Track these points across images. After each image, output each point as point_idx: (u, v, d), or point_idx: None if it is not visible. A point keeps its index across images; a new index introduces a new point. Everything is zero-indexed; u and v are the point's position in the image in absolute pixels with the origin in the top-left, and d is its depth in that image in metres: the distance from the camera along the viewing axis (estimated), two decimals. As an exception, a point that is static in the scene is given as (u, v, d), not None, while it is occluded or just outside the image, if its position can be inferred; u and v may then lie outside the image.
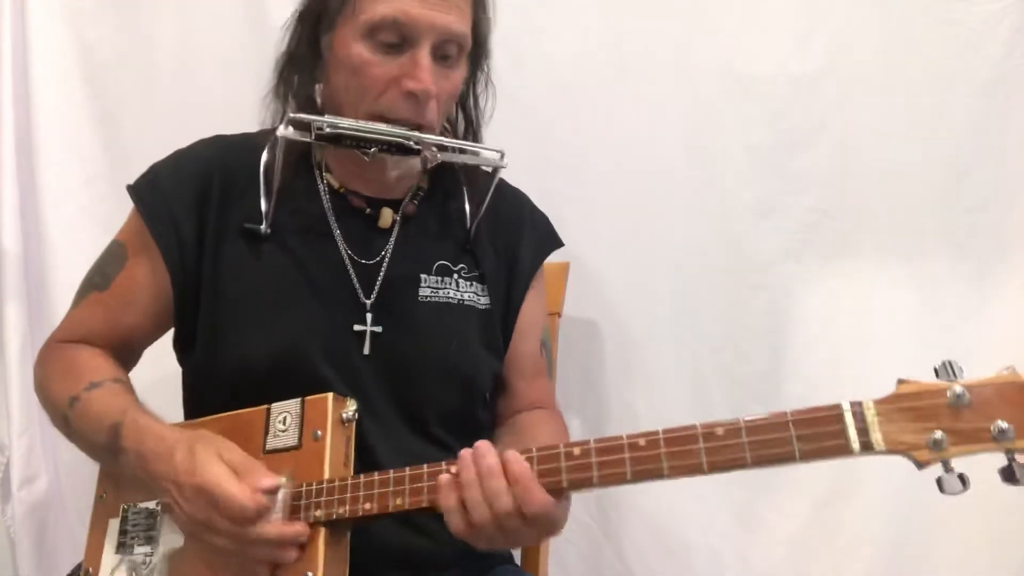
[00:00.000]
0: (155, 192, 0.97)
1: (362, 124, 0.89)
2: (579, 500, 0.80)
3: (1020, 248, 1.18)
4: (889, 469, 1.19)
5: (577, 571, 1.31)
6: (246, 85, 1.36)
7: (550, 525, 0.74)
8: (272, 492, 0.77)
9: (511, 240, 1.05)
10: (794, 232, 1.25)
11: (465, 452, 0.74)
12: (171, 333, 1.01)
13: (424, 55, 0.88)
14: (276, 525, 0.77)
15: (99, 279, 0.99)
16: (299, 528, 0.78)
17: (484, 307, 1.00)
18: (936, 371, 0.64)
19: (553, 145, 1.29)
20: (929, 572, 1.19)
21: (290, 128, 0.89)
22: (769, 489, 1.25)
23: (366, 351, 0.93)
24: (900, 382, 0.65)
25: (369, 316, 0.94)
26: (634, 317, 1.31)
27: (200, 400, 0.99)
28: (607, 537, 1.31)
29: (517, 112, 1.07)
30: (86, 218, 1.42)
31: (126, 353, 0.99)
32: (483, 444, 0.74)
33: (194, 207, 0.95)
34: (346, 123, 0.88)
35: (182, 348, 1.00)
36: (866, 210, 1.23)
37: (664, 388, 1.29)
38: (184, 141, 1.04)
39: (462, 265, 1.01)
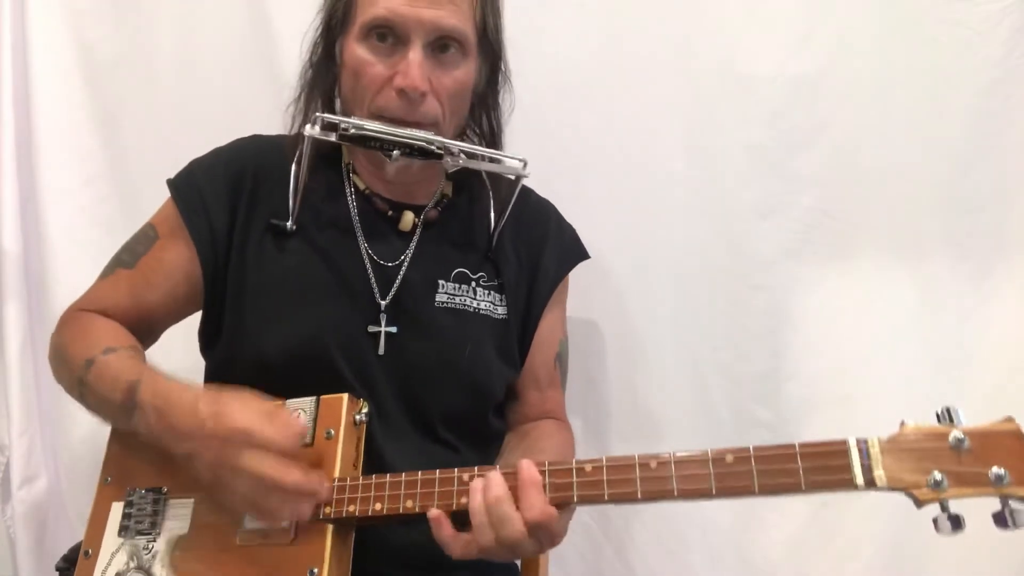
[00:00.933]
0: (191, 184, 1.00)
1: (386, 127, 0.90)
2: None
3: (1020, 248, 1.18)
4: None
5: (577, 571, 1.31)
6: (246, 85, 1.38)
7: (549, 537, 0.75)
8: (301, 434, 0.80)
9: (534, 251, 1.06)
10: (794, 232, 1.25)
11: (476, 483, 0.75)
12: (196, 327, 1.02)
13: (414, 52, 0.90)
14: (298, 474, 0.78)
15: (127, 256, 1.01)
16: (319, 479, 0.79)
17: (500, 317, 1.01)
18: (938, 416, 0.67)
19: (553, 145, 1.29)
20: (929, 572, 1.19)
21: (316, 128, 0.91)
22: (769, 489, 1.25)
23: (380, 351, 0.94)
24: (904, 424, 0.68)
25: (383, 317, 0.95)
26: (634, 317, 1.30)
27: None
28: (607, 537, 1.31)
29: (517, 112, 1.07)
30: (86, 218, 1.42)
31: (142, 332, 1.00)
32: (494, 476, 0.75)
33: (227, 201, 0.98)
34: (371, 125, 0.90)
35: (207, 341, 1.02)
36: (866, 210, 1.23)
37: (664, 388, 1.29)
38: (184, 141, 1.05)
39: (481, 273, 1.01)
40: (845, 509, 1.22)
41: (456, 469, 0.78)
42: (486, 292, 1.01)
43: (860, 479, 0.66)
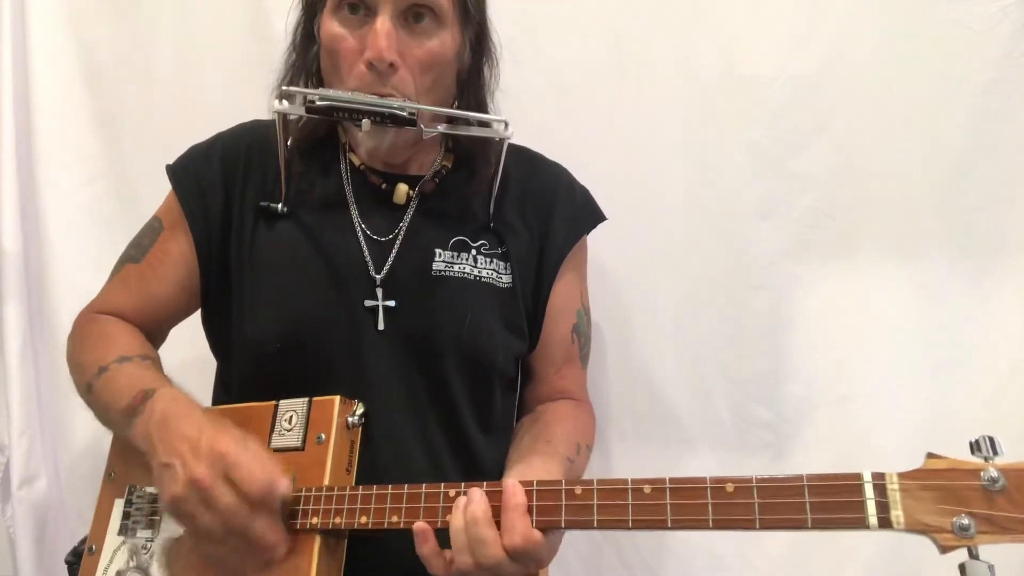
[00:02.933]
0: (188, 170, 1.00)
1: (354, 95, 0.87)
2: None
3: (1020, 248, 1.18)
4: (890, 470, 1.19)
5: (577, 571, 1.31)
6: (246, 86, 1.38)
7: (535, 562, 0.73)
8: (281, 494, 0.77)
9: (542, 218, 1.02)
10: (794, 232, 1.25)
11: (459, 500, 0.74)
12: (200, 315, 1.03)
13: (381, 22, 0.87)
14: (269, 521, 0.76)
15: (135, 251, 1.01)
16: (281, 537, 0.77)
17: (505, 285, 0.98)
18: (972, 445, 0.59)
19: (553, 145, 1.29)
20: (929, 572, 1.19)
21: (284, 102, 0.88)
22: (769, 489, 1.26)
23: (380, 326, 0.92)
24: (930, 456, 0.60)
25: (379, 291, 0.93)
26: (634, 317, 1.30)
27: (224, 379, 1.02)
28: (607, 537, 1.31)
29: (517, 112, 1.07)
30: (86, 218, 1.43)
31: (155, 327, 1.01)
32: (475, 492, 0.74)
33: (222, 185, 0.97)
34: (337, 94, 0.87)
35: (208, 328, 1.02)
36: (866, 210, 1.22)
37: (664, 388, 1.29)
38: (184, 141, 1.05)
39: (482, 242, 0.98)
40: (845, 509, 1.22)
41: (443, 484, 0.76)
42: (488, 260, 0.97)
43: (873, 519, 0.59)
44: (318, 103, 0.87)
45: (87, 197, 1.43)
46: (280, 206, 0.95)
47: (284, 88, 0.89)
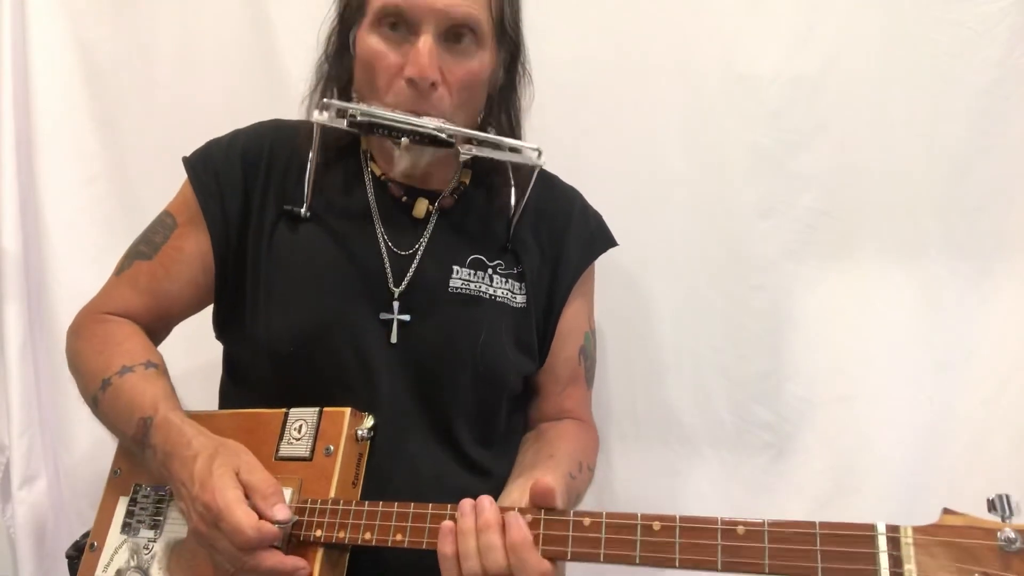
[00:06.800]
0: (207, 166, 0.98)
1: (396, 114, 0.87)
2: (579, 500, 0.81)
3: (1020, 248, 1.18)
4: (890, 470, 1.19)
5: (577, 571, 1.31)
6: (246, 86, 1.38)
7: None
8: (283, 524, 0.77)
9: (556, 240, 1.03)
10: (794, 232, 1.25)
11: (466, 501, 0.75)
12: (210, 315, 1.02)
13: (424, 40, 0.87)
14: (275, 556, 0.77)
15: (145, 247, 1.00)
16: (298, 562, 0.78)
17: (519, 306, 0.98)
18: (989, 503, 0.58)
19: (553, 145, 1.29)
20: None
21: (325, 114, 0.88)
22: (769, 489, 1.26)
23: (393, 340, 0.92)
24: (946, 512, 0.60)
25: (396, 304, 0.93)
26: (634, 317, 1.30)
27: (233, 380, 1.01)
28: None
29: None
30: (86, 218, 1.43)
31: (162, 324, 1.01)
32: (485, 499, 0.75)
33: (241, 184, 0.97)
34: (379, 112, 0.88)
35: (220, 329, 1.01)
36: (866, 210, 1.22)
37: (664, 388, 1.29)
38: (184, 141, 1.04)
39: (499, 261, 0.99)
40: (845, 509, 1.22)
41: (449, 506, 0.76)
42: (503, 280, 0.98)
43: (886, 573, 0.59)
44: (359, 119, 0.87)
45: (87, 197, 1.44)
46: (304, 211, 0.95)
47: (325, 100, 0.89)
